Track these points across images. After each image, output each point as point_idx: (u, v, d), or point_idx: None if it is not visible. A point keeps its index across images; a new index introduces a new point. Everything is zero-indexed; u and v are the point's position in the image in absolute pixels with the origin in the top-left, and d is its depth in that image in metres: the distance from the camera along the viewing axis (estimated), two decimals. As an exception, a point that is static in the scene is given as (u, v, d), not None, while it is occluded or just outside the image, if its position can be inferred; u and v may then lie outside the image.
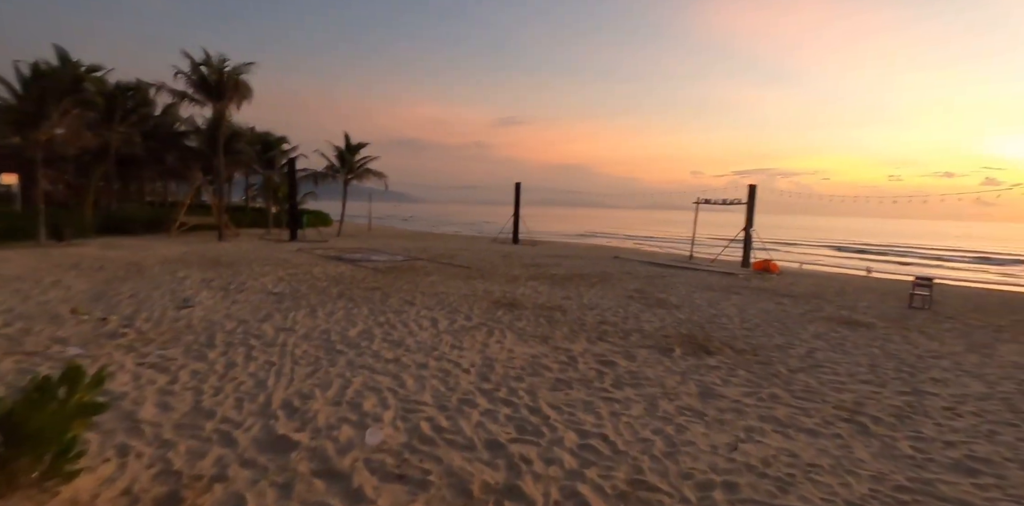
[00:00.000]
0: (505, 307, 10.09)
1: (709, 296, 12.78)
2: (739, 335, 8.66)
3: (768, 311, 11.11)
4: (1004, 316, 12.43)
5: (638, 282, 14.75)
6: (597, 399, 5.40)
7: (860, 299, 13.93)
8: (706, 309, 10.92)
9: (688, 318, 9.87)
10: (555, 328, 8.54)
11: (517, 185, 31.19)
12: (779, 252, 41.56)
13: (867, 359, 7.48)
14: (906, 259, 43.79)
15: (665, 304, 11.28)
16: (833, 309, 11.84)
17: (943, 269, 36.66)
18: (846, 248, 53.41)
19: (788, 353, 7.64)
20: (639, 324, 9.15)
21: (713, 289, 14.16)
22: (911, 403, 5.71)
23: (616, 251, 29.20)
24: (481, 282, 13.29)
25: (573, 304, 10.78)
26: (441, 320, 8.71)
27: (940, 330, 10.01)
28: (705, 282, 15.66)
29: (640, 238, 55.59)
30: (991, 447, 4.65)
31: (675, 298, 12.17)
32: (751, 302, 12.22)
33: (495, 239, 32.88)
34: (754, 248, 22.26)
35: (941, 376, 6.80)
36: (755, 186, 22.00)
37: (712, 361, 7.04)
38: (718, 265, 21.41)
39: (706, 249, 29.15)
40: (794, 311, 11.29)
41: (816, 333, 9.09)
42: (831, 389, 6.09)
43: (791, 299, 13.06)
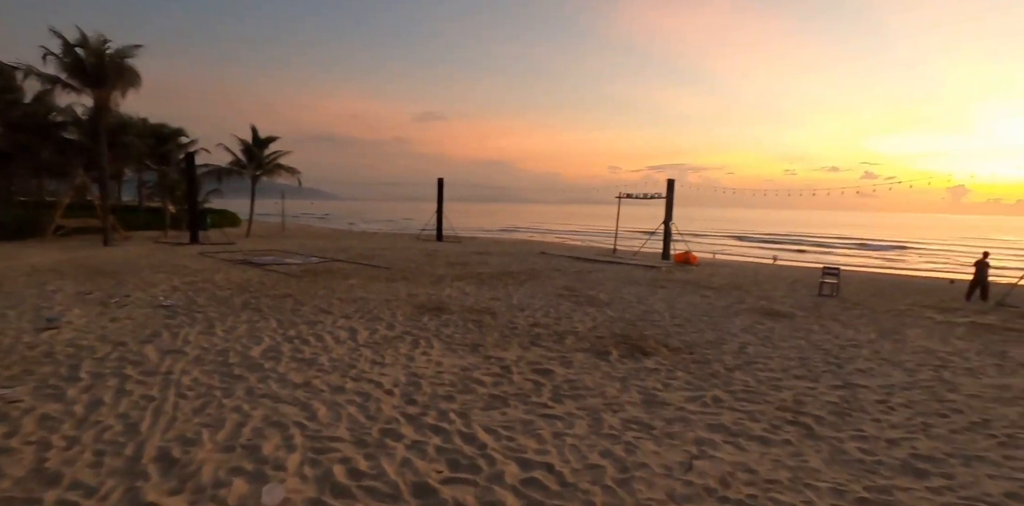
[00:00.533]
0: (431, 312, 9.37)
1: (637, 291, 12.69)
2: (672, 332, 8.47)
3: (695, 304, 11.12)
4: (900, 300, 13.27)
5: (566, 278, 14.47)
6: (537, 417, 4.87)
7: (775, 288, 14.42)
8: (636, 305, 10.75)
9: (620, 316, 9.61)
10: (485, 334, 7.95)
11: (439, 181, 30.28)
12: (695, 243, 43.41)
13: (796, 352, 7.49)
14: (802, 246, 47.15)
15: (595, 302, 11.01)
16: (754, 300, 12.10)
17: (833, 256, 39.70)
18: (751, 238, 56.86)
19: (722, 349, 7.51)
20: (572, 325, 8.76)
21: (639, 283, 14.15)
22: (846, 398, 5.64)
23: (542, 246, 29.09)
24: (404, 284, 12.46)
25: (503, 306, 10.24)
26: (360, 330, 7.87)
27: (851, 317, 10.40)
28: (631, 276, 15.67)
29: (564, 232, 56.27)
30: (930, 443, 4.59)
31: (605, 295, 11.95)
32: (678, 296, 12.24)
33: (419, 237, 31.82)
34: (674, 240, 22.81)
35: (865, 366, 6.88)
36: (673, 181, 22.50)
37: (650, 363, 6.74)
38: (641, 258, 21.73)
39: (628, 242, 29.68)
40: (719, 303, 11.39)
41: (744, 326, 9.11)
42: (770, 387, 5.93)
43: (714, 291, 13.26)
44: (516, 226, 65.55)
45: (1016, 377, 6.64)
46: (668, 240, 22.53)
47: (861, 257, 38.97)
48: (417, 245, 25.51)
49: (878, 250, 45.85)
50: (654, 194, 22.52)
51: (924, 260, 38.27)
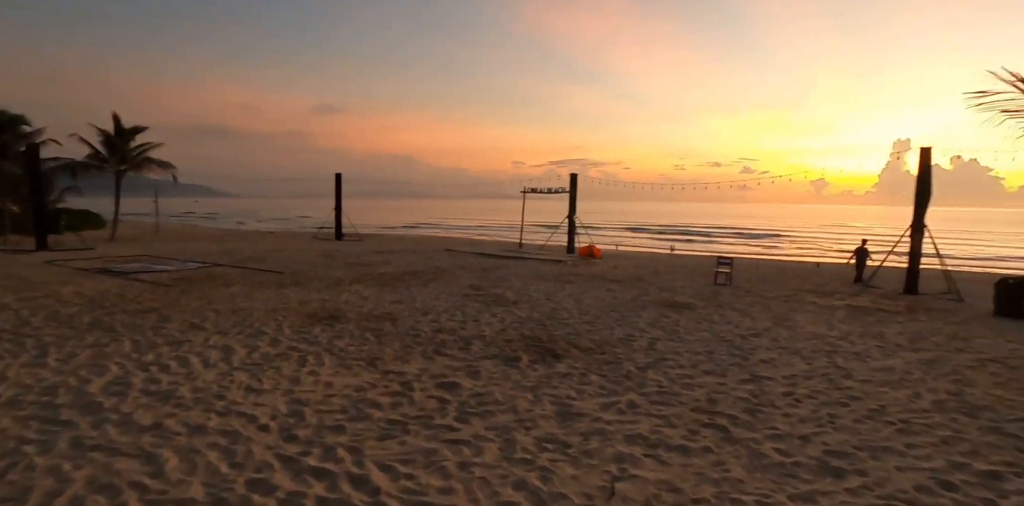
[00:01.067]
0: (324, 321, 8.41)
1: (545, 287, 12.41)
2: (582, 331, 8.19)
3: (602, 299, 11.01)
4: (783, 285, 14.11)
5: (473, 276, 13.92)
6: (441, 444, 4.25)
7: (674, 279, 14.81)
8: (544, 303, 10.42)
9: (528, 315, 9.21)
10: (385, 344, 7.19)
11: (337, 176, 28.50)
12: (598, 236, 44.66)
13: (703, 345, 7.46)
14: (691, 236, 50.20)
15: (503, 301, 10.55)
16: (656, 292, 12.25)
17: (720, 244, 42.55)
18: (648, 229, 59.72)
19: (632, 347, 7.31)
20: (479, 328, 8.21)
21: (546, 279, 13.92)
22: (755, 393, 5.57)
23: (447, 242, 28.32)
24: (296, 290, 11.27)
25: (405, 310, 9.47)
26: (237, 349, 6.79)
27: (746, 305, 10.78)
28: (538, 272, 15.44)
29: (470, 228, 55.73)
30: (838, 436, 4.55)
31: (512, 293, 11.53)
32: (585, 290, 12.11)
33: (316, 236, 29.82)
34: (578, 234, 23.01)
35: (767, 356, 6.96)
36: (576, 175, 22.67)
37: (562, 367, 6.35)
38: (547, 252, 21.69)
39: (534, 236, 29.71)
40: (625, 297, 11.38)
41: (650, 320, 9.06)
42: (682, 386, 5.74)
43: (619, 284, 13.32)
44: (421, 222, 64.08)
45: (896, 358, 7.02)
46: (572, 234, 22.71)
47: (744, 246, 42.05)
48: (314, 245, 23.78)
49: (758, 238, 49.86)
50: (558, 189, 22.57)
51: (795, 246, 42.07)
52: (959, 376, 6.28)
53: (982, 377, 6.28)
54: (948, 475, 3.90)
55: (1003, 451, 4.32)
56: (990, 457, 4.20)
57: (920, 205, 13.88)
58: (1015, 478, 3.89)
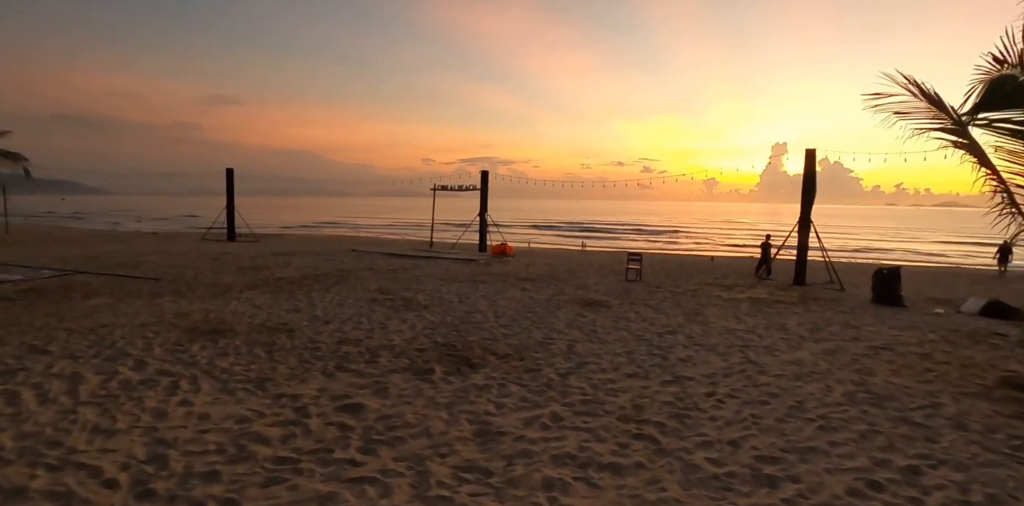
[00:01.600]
0: (205, 337, 7.28)
1: (458, 289, 11.84)
2: (498, 335, 7.72)
3: (517, 299, 10.63)
4: (688, 279, 14.56)
5: (381, 279, 13.03)
6: (341, 485, 3.57)
7: (587, 276, 14.81)
8: (458, 306, 9.85)
9: (441, 320, 8.60)
10: (278, 362, 6.28)
11: (229, 172, 26.08)
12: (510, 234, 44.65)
13: (622, 346, 7.26)
14: (598, 233, 51.77)
15: (414, 305, 9.84)
16: (572, 290, 12.09)
17: (625, 241, 44.15)
18: (558, 226, 60.84)
19: (551, 351, 6.95)
20: (388, 337, 7.49)
21: (459, 279, 13.35)
22: (679, 395, 5.38)
23: (354, 242, 26.84)
24: (174, 300, 9.84)
25: (304, 319, 8.50)
26: (89, 377, 5.60)
27: (659, 301, 10.87)
28: (450, 272, 14.82)
29: (378, 226, 53.74)
30: (765, 438, 4.41)
31: (423, 296, 10.84)
32: (499, 291, 11.68)
33: (205, 237, 27.12)
34: (490, 231, 22.62)
35: (685, 354, 6.88)
36: (487, 172, 22.23)
37: (479, 378, 5.83)
38: (458, 251, 21.09)
39: (445, 235, 28.97)
40: (540, 296, 11.08)
41: (568, 320, 8.78)
42: (606, 393, 5.43)
43: (533, 283, 13.03)
44: (326, 221, 60.92)
45: (801, 350, 7.21)
46: (484, 232, 22.28)
47: (647, 241, 43.89)
48: (202, 247, 21.49)
49: (658, 234, 52.35)
50: (469, 186, 22.02)
51: (692, 241, 44.61)
52: (859, 365, 6.52)
53: (878, 365, 6.56)
54: (873, 474, 3.84)
55: (915, 442, 4.38)
56: (906, 450, 4.22)
57: (806, 202, 14.87)
58: (931, 471, 3.91)
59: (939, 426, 4.72)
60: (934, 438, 4.48)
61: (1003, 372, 6.37)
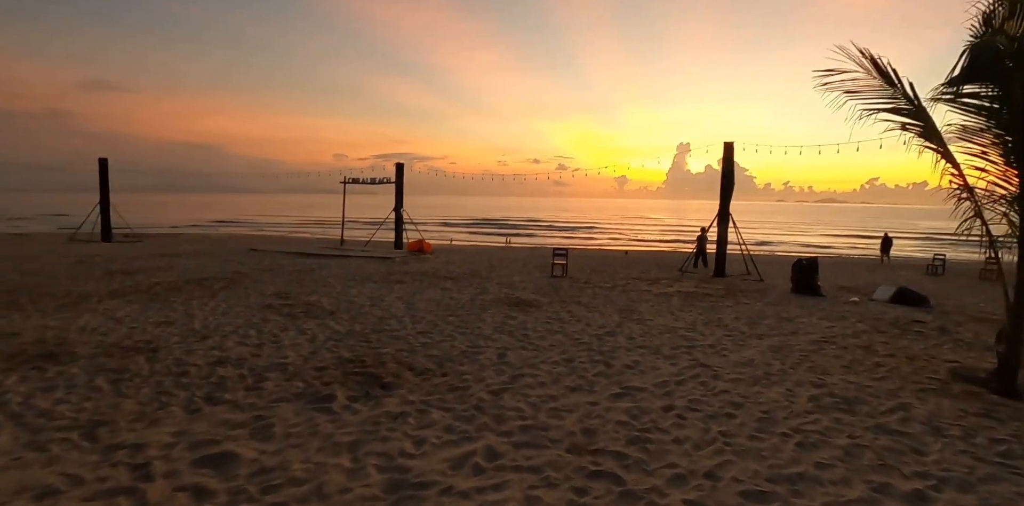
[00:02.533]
0: (32, 363, 5.53)
1: (370, 290, 10.47)
2: (416, 345, 6.56)
3: (438, 301, 9.48)
4: (614, 274, 14.08)
5: (281, 281, 11.36)
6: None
7: (512, 273, 13.91)
8: (369, 311, 8.54)
9: (349, 329, 7.29)
10: (126, 395, 4.75)
11: (102, 161, 22.63)
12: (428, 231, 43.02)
13: (559, 352, 6.36)
14: (518, 229, 51.43)
15: (317, 311, 8.42)
16: (496, 288, 11.10)
17: (544, 236, 44.02)
18: (476, 223, 59.85)
19: (480, 362, 5.90)
20: (280, 354, 6.10)
21: (373, 280, 11.95)
22: (634, 413, 4.53)
23: (256, 241, 24.29)
24: (3, 315, 7.75)
25: (175, 334, 6.86)
26: None
27: (590, 298, 10.14)
28: (363, 271, 13.34)
29: (286, 225, 50.05)
30: (744, 464, 3.63)
31: (329, 300, 9.40)
32: (417, 291, 10.46)
33: (74, 237, 23.40)
34: (406, 228, 21.18)
35: (630, 359, 6.09)
36: (402, 165, 20.76)
37: (393, 403, 4.67)
38: (373, 249, 19.49)
39: (359, 232, 27.06)
40: (463, 297, 9.99)
41: (496, 324, 7.77)
42: (549, 414, 4.47)
43: (454, 282, 11.92)
44: (227, 219, 55.94)
45: (748, 348, 6.67)
46: (400, 228, 20.80)
47: (565, 237, 44.00)
48: (67, 249, 18.32)
49: (575, 230, 52.84)
50: (383, 179, 20.42)
51: (607, 236, 45.33)
52: (811, 363, 6.04)
53: (828, 362, 6.12)
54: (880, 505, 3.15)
55: (904, 457, 3.78)
56: (901, 469, 3.60)
57: (725, 195, 14.88)
58: (938, 495, 3.29)
59: (918, 433, 4.19)
60: (921, 449, 3.92)
61: (945, 362, 6.15)
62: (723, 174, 14.85)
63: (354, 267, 14.27)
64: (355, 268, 14.05)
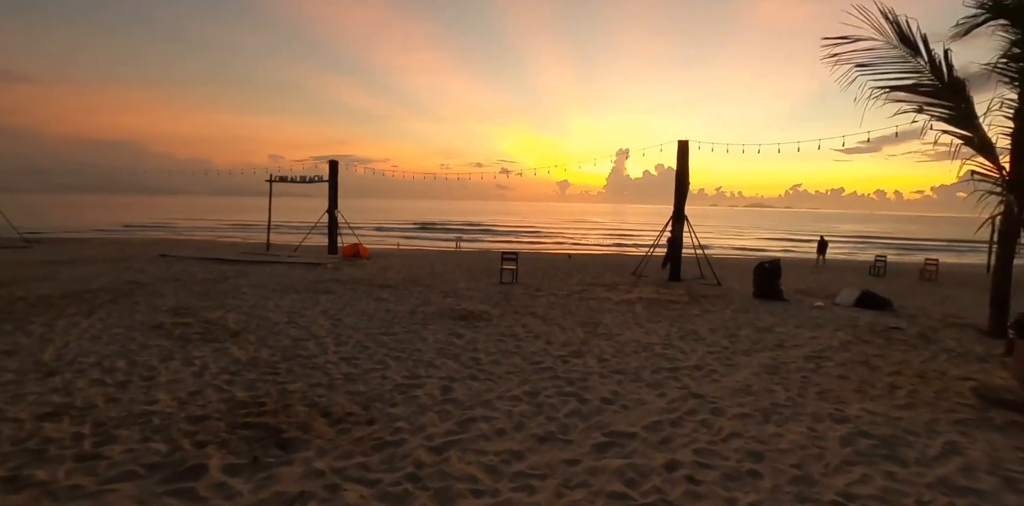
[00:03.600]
0: None
1: (290, 303, 8.83)
2: (336, 377, 5.10)
3: (371, 315, 7.99)
4: (567, 279, 12.99)
5: (184, 293, 9.48)
6: None
7: (456, 279, 12.54)
8: (285, 330, 6.95)
9: (253, 356, 5.72)
10: None
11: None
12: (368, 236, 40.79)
13: (518, 381, 5.08)
14: (462, 234, 49.95)
15: (217, 332, 6.75)
16: (440, 298, 9.71)
17: (489, 241, 42.81)
18: (419, 227, 57.84)
19: (417, 401, 4.53)
20: (148, 397, 4.49)
21: (296, 289, 10.26)
22: (629, 476, 3.31)
23: (171, 246, 21.64)
24: None
25: (8, 369, 5.07)
26: None
27: (546, 309, 8.94)
28: (286, 279, 11.58)
29: (212, 228, 46.25)
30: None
31: (237, 316, 7.72)
32: (348, 303, 8.91)
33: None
34: (341, 232, 19.35)
35: (607, 390, 4.89)
36: (337, 162, 18.94)
37: (292, 475, 3.24)
38: (303, 254, 17.56)
39: (293, 236, 24.81)
40: (401, 308, 8.55)
41: (439, 344, 6.41)
42: (515, 485, 3.18)
43: (392, 290, 10.42)
44: (144, 223, 51.21)
45: (739, 369, 5.65)
46: (334, 231, 18.95)
47: (511, 240, 42.98)
48: (-76, 257, 15.31)
49: (519, 234, 51.93)
50: (314, 177, 18.51)
51: (553, 240, 44.69)
52: (818, 388, 5.06)
53: (835, 385, 5.18)
54: None
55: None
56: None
57: (680, 196, 14.15)
58: None
59: (994, 490, 3.21)
60: (1012, 519, 2.93)
61: (958, 380, 5.34)
62: (677, 173, 14.13)
63: (277, 275, 12.46)
64: (278, 276, 12.25)
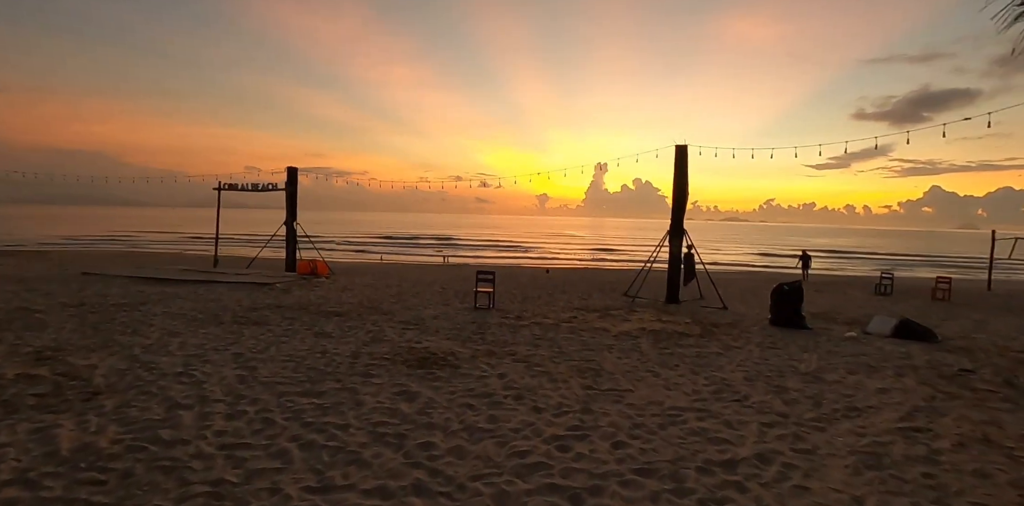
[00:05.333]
0: None
1: (202, 340, 6.75)
2: (195, 494, 3.09)
3: (299, 360, 5.96)
4: (553, 302, 11.11)
5: (73, 326, 7.31)
6: None
7: (423, 303, 10.56)
8: (167, 386, 4.87)
9: (87, 442, 3.65)
10: None
11: None
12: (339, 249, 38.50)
13: (490, 491, 3.14)
14: (442, 248, 47.89)
15: (71, 390, 4.64)
16: (397, 331, 7.72)
17: (469, 255, 40.83)
18: (396, 240, 55.59)
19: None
20: None
21: (221, 320, 8.16)
22: None
23: (102, 261, 19.21)
24: None
25: None
26: None
27: (530, 347, 7.00)
28: (216, 305, 9.46)
29: (176, 242, 43.35)
30: None
31: (118, 361, 5.60)
32: (276, 341, 6.86)
33: None
34: (304, 246, 17.23)
35: (622, 505, 2.99)
36: (295, 169, 16.84)
37: None
38: (255, 271, 15.36)
39: (255, 251, 22.50)
40: (342, 350, 6.53)
41: (379, 412, 4.41)
42: None
43: (340, 321, 8.39)
44: (98, 235, 47.92)
45: (827, 466, 3.77)
46: (293, 246, 16.77)
47: (490, 254, 41.08)
48: None
49: (504, 248, 50.05)
50: (267, 185, 16.37)
51: (533, 254, 42.92)
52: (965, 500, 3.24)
53: (976, 486, 3.35)
54: None
55: None
56: None
57: (678, 208, 12.48)
58: None
59: None
60: None
61: None
62: (675, 182, 12.45)
63: (209, 299, 10.32)
64: (209, 301, 10.11)
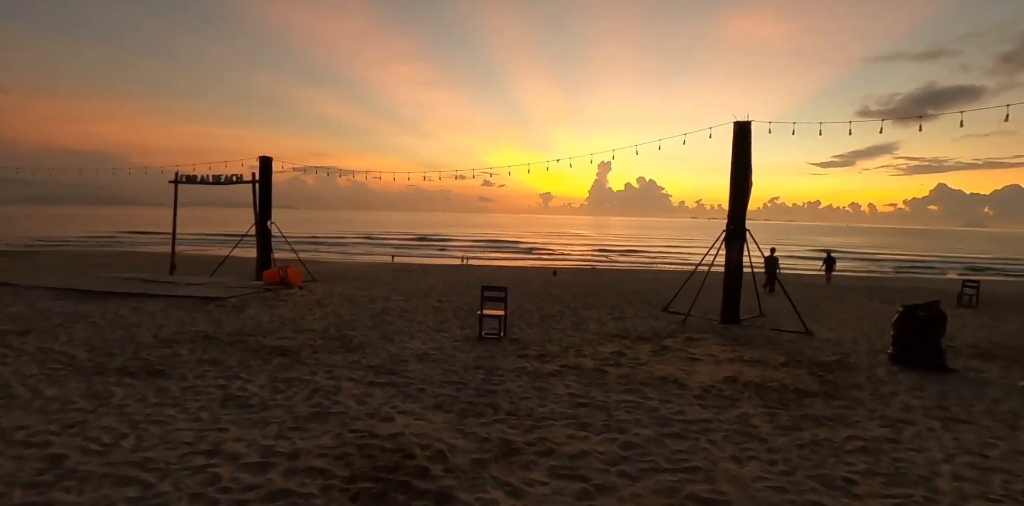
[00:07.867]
0: None
1: (35, 413, 3.98)
2: None
3: (154, 476, 3.19)
4: (577, 321, 8.25)
5: None
6: None
7: (413, 329, 7.75)
8: None
9: None
10: None
11: None
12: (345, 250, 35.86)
13: None
14: (442, 248, 45.28)
15: None
16: (358, 390, 4.89)
17: (473, 255, 38.04)
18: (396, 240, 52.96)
19: None
20: None
21: (102, 368, 5.38)
22: None
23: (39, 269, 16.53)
24: None
25: None
26: None
27: (573, 425, 4.21)
28: (124, 335, 6.68)
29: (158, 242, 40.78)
30: None
31: None
32: (151, 416, 4.07)
33: None
34: (282, 248, 14.49)
35: None
36: (270, 158, 14.06)
37: None
38: (218, 277, 12.64)
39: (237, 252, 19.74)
40: (249, 448, 3.76)
41: None
42: None
43: (279, 367, 5.60)
44: (90, 236, 45.47)
45: None
46: (267, 250, 13.97)
47: (496, 258, 38.41)
48: None
49: (509, 248, 47.30)
50: (232, 176, 13.56)
51: (545, 254, 40.15)
52: None
53: None
54: None
55: None
56: None
57: (737, 202, 9.65)
58: None
59: None
60: None
61: None
62: (734, 170, 9.61)
63: (124, 324, 7.56)
64: (120, 327, 7.35)
